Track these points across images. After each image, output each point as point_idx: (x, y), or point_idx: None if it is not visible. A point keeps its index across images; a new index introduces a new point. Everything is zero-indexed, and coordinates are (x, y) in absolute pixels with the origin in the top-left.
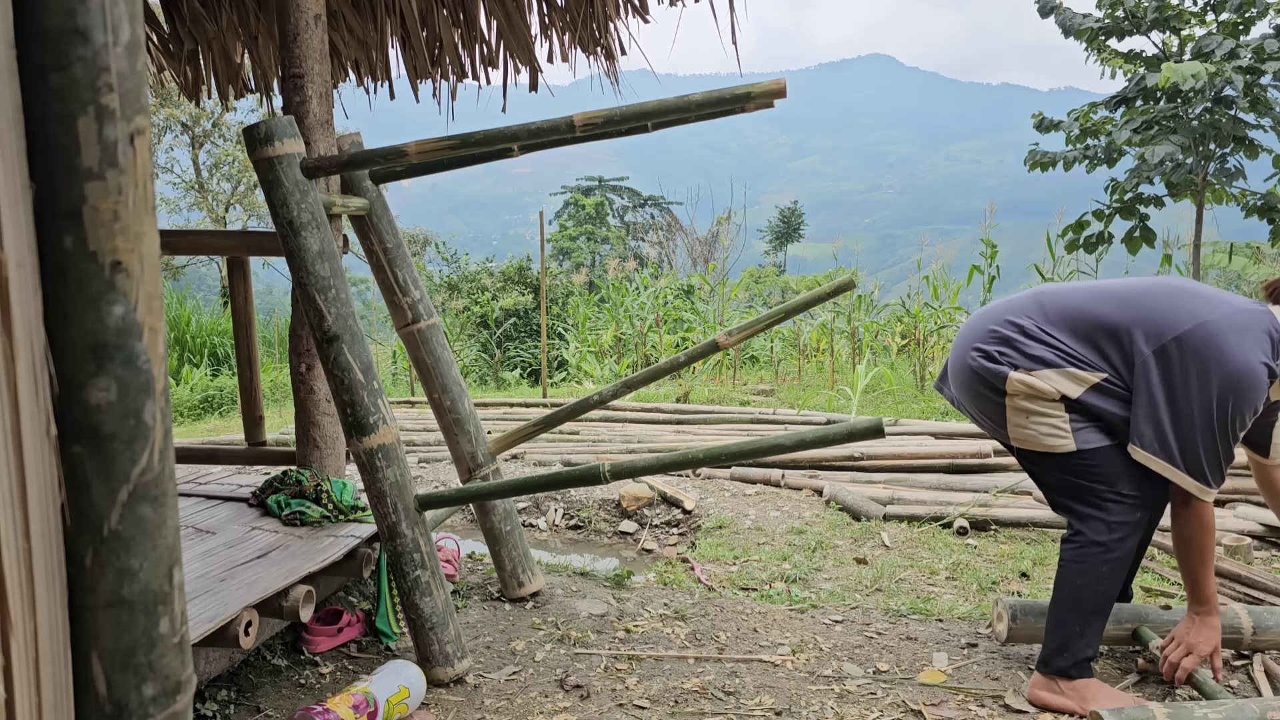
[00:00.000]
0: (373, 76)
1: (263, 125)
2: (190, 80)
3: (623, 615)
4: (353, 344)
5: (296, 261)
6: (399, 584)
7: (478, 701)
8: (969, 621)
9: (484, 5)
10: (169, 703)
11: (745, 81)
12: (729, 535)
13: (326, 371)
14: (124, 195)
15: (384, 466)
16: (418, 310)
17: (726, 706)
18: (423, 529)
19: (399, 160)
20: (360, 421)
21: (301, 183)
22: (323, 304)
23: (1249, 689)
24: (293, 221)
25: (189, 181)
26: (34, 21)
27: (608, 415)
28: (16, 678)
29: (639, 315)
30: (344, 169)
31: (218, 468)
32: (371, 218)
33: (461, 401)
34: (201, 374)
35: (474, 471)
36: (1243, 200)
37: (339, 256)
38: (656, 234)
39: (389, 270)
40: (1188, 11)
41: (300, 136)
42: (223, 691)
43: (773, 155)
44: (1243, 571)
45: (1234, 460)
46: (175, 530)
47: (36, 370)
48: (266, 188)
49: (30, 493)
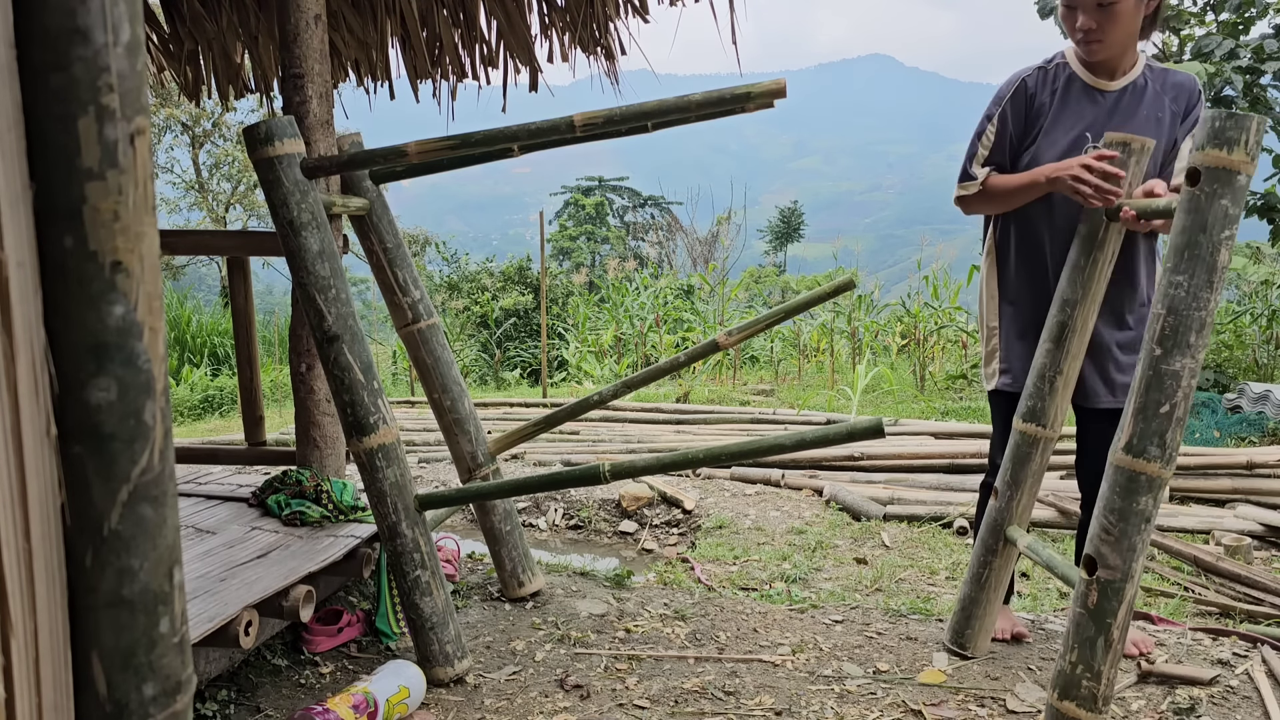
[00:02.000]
0: (373, 76)
1: (263, 125)
2: (190, 80)
3: (623, 615)
4: (353, 344)
5: (297, 261)
6: (399, 584)
7: (478, 701)
8: None
9: (484, 5)
10: (169, 703)
11: (745, 81)
12: (729, 535)
13: (326, 371)
14: (124, 195)
15: (384, 466)
16: (418, 310)
17: (726, 706)
18: (423, 529)
19: (399, 160)
20: (360, 421)
21: (301, 183)
22: (323, 304)
23: (1249, 688)
24: (293, 221)
25: (189, 181)
26: (34, 21)
27: (608, 415)
28: (16, 678)
29: (639, 315)
30: (344, 169)
31: (218, 468)
32: (371, 218)
33: (461, 401)
34: (201, 374)
35: (474, 471)
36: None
37: (339, 256)
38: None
39: (389, 270)
40: (1187, 11)
41: (300, 136)
42: (223, 691)
43: (773, 155)
44: (1243, 571)
45: (976, 159)
46: (175, 530)
47: (36, 370)
48: (267, 188)
49: (30, 493)
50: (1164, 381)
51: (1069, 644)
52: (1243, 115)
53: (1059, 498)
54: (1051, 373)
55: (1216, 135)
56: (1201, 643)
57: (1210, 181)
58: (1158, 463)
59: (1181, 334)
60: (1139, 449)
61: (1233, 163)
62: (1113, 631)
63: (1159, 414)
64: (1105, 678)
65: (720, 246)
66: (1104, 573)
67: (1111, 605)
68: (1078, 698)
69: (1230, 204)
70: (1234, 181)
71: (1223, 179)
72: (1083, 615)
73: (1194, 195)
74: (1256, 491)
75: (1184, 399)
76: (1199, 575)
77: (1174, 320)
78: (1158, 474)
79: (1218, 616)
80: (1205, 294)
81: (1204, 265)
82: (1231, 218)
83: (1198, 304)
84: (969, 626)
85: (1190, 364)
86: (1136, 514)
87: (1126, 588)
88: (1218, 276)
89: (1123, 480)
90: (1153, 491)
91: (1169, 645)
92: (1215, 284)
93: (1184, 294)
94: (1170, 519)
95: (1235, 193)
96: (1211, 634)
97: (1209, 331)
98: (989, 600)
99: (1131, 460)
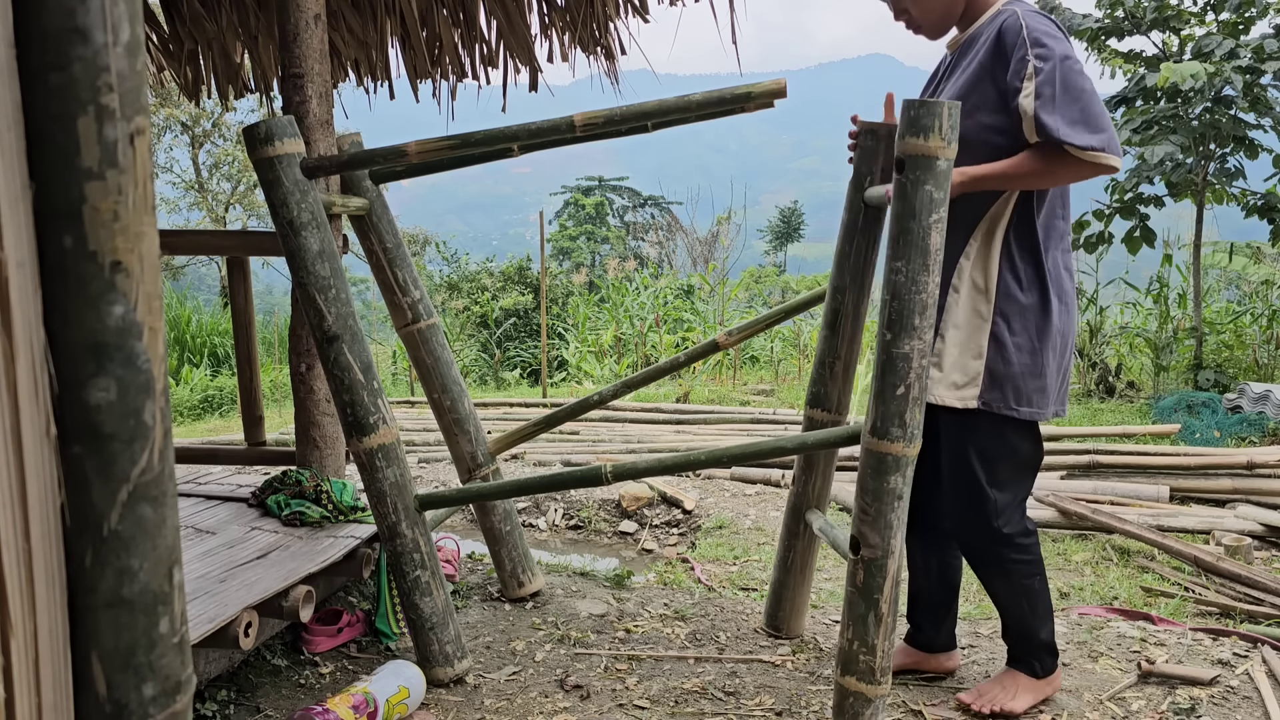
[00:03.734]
0: (373, 76)
1: (263, 125)
2: (190, 80)
3: (623, 615)
4: (353, 344)
5: (296, 261)
6: (399, 584)
7: (478, 701)
8: (969, 621)
9: (484, 5)
10: (169, 703)
11: (745, 81)
12: (729, 535)
13: (326, 371)
14: (124, 195)
15: (384, 466)
16: (418, 310)
17: (726, 706)
18: (423, 529)
19: (399, 160)
20: (360, 421)
21: (301, 182)
22: (323, 304)
23: (1250, 688)
24: (293, 221)
25: (189, 181)
26: (34, 21)
27: (608, 415)
28: (16, 678)
29: (639, 315)
30: (344, 169)
31: (218, 468)
32: (371, 217)
33: (461, 401)
34: (201, 374)
35: (474, 471)
36: (1243, 200)
37: (339, 256)
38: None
39: (389, 270)
40: (1187, 11)
41: (300, 136)
42: (223, 691)
43: (773, 155)
44: (1243, 571)
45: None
46: (175, 530)
47: (36, 370)
48: (266, 187)
49: (30, 493)
50: (896, 364)
51: (845, 622)
52: (934, 102)
53: (1059, 497)
54: (830, 358)
55: (913, 124)
56: (1202, 643)
57: (913, 169)
58: (900, 442)
59: (906, 317)
60: (883, 430)
61: (930, 149)
62: (881, 606)
63: (896, 395)
64: (880, 650)
65: (720, 246)
66: (867, 551)
67: (877, 581)
68: (857, 672)
69: (934, 189)
70: (934, 167)
71: (924, 165)
72: (854, 594)
73: (901, 183)
74: (1257, 491)
75: (917, 379)
76: (1199, 575)
77: (898, 305)
78: (902, 453)
79: (1218, 616)
80: (923, 278)
81: (919, 250)
82: (938, 201)
83: (917, 288)
84: (780, 609)
85: (919, 345)
86: (889, 492)
87: (889, 563)
88: (932, 260)
89: (873, 462)
90: (900, 470)
91: (1169, 645)
92: (931, 267)
93: (904, 279)
94: (1170, 519)
95: (937, 177)
96: (1212, 634)
97: (932, 313)
98: (796, 583)
99: (877, 442)
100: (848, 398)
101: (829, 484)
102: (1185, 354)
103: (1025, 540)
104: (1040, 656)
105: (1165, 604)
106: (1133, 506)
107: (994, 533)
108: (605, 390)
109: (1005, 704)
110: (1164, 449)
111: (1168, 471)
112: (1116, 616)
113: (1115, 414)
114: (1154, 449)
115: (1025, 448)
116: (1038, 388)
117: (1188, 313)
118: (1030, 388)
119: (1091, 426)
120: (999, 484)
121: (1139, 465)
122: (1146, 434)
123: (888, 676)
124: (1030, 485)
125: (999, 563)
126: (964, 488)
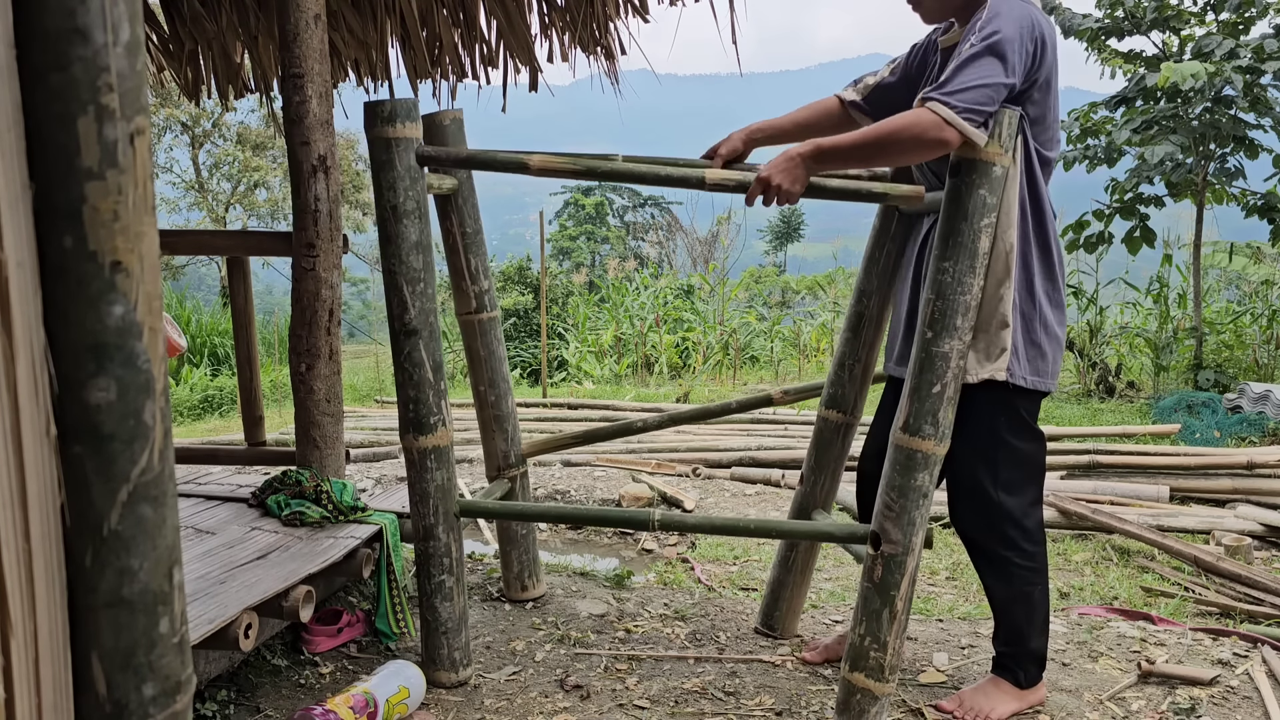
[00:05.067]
0: (373, 76)
1: (388, 104)
2: (190, 80)
3: (623, 615)
4: (430, 341)
5: (392, 248)
6: (422, 585)
7: (478, 702)
8: (969, 621)
9: (484, 5)
10: (169, 703)
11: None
12: (729, 535)
13: (396, 364)
14: (124, 195)
15: (434, 468)
16: (483, 300)
17: (726, 706)
18: (457, 535)
19: (520, 169)
20: (421, 420)
21: (414, 169)
22: (409, 296)
23: (1250, 688)
24: (397, 207)
25: (189, 181)
26: (34, 21)
27: (608, 415)
28: (16, 678)
29: (639, 315)
30: (463, 166)
31: (218, 468)
32: (457, 199)
33: (506, 399)
34: (201, 374)
35: (504, 470)
36: (1243, 200)
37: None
38: (656, 234)
39: (464, 255)
40: (1187, 11)
41: (420, 122)
42: (223, 691)
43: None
44: (1243, 571)
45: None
46: (175, 530)
47: (36, 370)
48: (376, 168)
49: (30, 493)
50: (935, 363)
51: (858, 617)
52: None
53: (1059, 497)
54: (850, 360)
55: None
56: (1202, 643)
57: (969, 173)
58: (932, 440)
59: (949, 317)
60: (915, 428)
61: (988, 155)
62: (896, 603)
63: (931, 393)
64: (891, 648)
65: (720, 246)
66: (888, 547)
67: (895, 578)
68: (866, 668)
69: (988, 193)
70: (990, 172)
71: (980, 170)
72: (869, 589)
73: (955, 186)
74: (1257, 491)
75: (954, 379)
76: (1199, 575)
77: (942, 304)
78: (932, 450)
79: (1218, 616)
80: (969, 279)
81: (967, 252)
82: (990, 206)
83: (962, 289)
84: (777, 609)
85: (959, 345)
86: (915, 489)
87: (908, 560)
88: (979, 262)
89: (901, 458)
90: (929, 468)
91: (1169, 645)
92: (978, 269)
93: (950, 279)
94: (1171, 519)
95: (992, 183)
96: (1212, 634)
97: (974, 314)
98: (796, 583)
99: (909, 439)
100: (863, 401)
101: (837, 485)
102: (1185, 354)
103: (1031, 546)
104: (1026, 666)
105: (1165, 604)
106: (1133, 506)
107: (1001, 532)
108: (650, 419)
109: (986, 713)
110: (1164, 449)
111: (1168, 471)
112: (1116, 616)
113: (1115, 414)
114: (1154, 449)
115: (1032, 427)
116: (1053, 358)
117: (1188, 313)
118: (1051, 359)
119: (1091, 426)
120: (1008, 476)
121: (1139, 465)
122: (1146, 434)
123: (895, 675)
124: (1040, 486)
125: (1002, 564)
126: (978, 471)
